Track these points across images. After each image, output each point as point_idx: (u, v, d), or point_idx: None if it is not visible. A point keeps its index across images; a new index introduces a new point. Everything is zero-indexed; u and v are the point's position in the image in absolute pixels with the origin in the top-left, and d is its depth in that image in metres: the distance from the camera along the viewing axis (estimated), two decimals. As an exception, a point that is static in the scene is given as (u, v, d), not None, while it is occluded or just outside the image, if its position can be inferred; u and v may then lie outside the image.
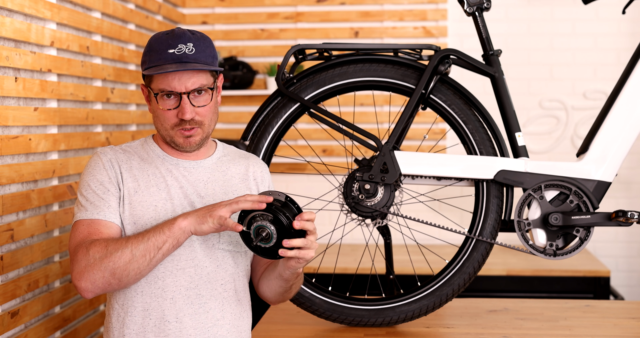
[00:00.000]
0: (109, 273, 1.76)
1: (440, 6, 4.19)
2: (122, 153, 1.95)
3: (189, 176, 1.95)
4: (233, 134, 4.24)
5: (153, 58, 1.86)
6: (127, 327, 1.88)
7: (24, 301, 2.42)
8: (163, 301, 1.88)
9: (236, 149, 2.11)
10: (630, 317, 2.63)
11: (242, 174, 2.03)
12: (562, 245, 2.39)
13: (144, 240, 1.77)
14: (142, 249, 1.76)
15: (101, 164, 1.90)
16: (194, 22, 4.28)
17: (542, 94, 4.19)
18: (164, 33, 1.90)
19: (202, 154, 2.00)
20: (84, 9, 2.92)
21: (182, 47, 1.86)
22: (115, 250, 1.76)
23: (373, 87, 2.48)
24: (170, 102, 1.87)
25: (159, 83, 1.86)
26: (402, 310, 2.44)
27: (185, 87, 1.85)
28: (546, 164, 2.39)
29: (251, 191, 2.03)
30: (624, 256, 4.19)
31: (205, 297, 1.91)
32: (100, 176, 1.89)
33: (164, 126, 1.90)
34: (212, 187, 1.96)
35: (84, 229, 1.84)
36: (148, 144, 1.99)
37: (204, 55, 1.88)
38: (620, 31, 4.13)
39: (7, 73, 2.34)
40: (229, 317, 1.94)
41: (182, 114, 1.86)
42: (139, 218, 1.88)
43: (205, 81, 1.88)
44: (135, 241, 1.77)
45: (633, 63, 2.40)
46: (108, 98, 3.08)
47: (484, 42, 2.45)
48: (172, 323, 1.87)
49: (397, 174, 2.38)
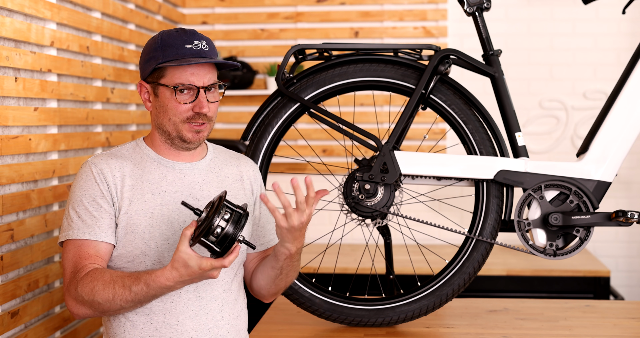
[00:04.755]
0: (98, 312, 1.82)
1: (440, 6, 4.19)
2: (114, 160, 1.91)
3: (184, 178, 1.94)
4: (233, 134, 4.25)
5: (169, 53, 1.87)
6: (129, 332, 1.88)
7: (24, 301, 2.42)
8: (164, 305, 1.88)
9: (225, 149, 2.10)
10: (630, 317, 2.63)
11: (235, 175, 2.03)
12: (562, 245, 2.39)
13: (131, 294, 1.76)
14: (130, 300, 1.77)
15: (92, 178, 1.88)
16: (194, 22, 4.28)
17: (542, 94, 4.19)
18: (174, 30, 1.91)
19: (197, 155, 1.99)
20: (84, 9, 2.92)
21: (198, 43, 1.89)
22: (102, 298, 1.77)
23: (373, 87, 2.48)
24: (185, 97, 1.88)
25: (176, 77, 1.87)
26: (402, 310, 2.44)
27: (203, 82, 1.88)
28: (546, 164, 2.39)
29: (246, 191, 2.03)
30: (624, 256, 4.19)
31: (205, 298, 1.91)
32: (92, 192, 1.87)
33: (173, 120, 1.89)
34: (207, 189, 1.96)
35: (75, 251, 1.85)
36: (140, 147, 1.97)
37: (215, 53, 1.93)
38: (620, 31, 4.13)
39: (7, 73, 2.34)
40: (228, 317, 1.94)
41: (200, 107, 1.87)
42: (136, 226, 1.87)
43: (216, 77, 1.92)
44: (121, 291, 1.76)
45: (633, 63, 2.40)
46: (108, 98, 3.08)
47: (484, 42, 2.45)
48: (173, 326, 1.87)
49: (397, 174, 2.38)
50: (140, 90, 1.95)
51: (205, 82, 1.88)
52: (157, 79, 1.90)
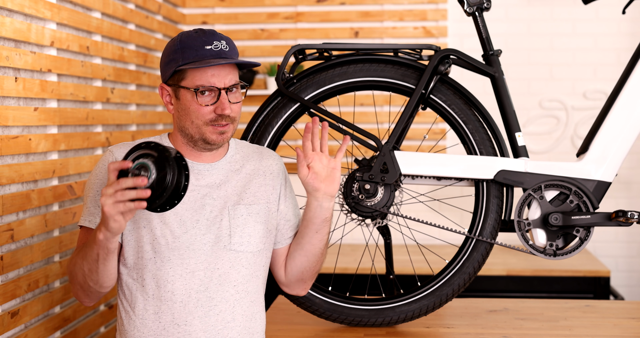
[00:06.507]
0: (79, 288, 1.87)
1: (440, 6, 4.19)
2: None
3: (202, 179, 1.94)
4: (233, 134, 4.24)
5: (189, 55, 1.86)
6: (138, 330, 1.89)
7: (24, 301, 2.42)
8: (173, 304, 1.87)
9: (247, 143, 2.10)
10: (630, 317, 2.63)
11: (256, 170, 2.03)
12: (562, 245, 2.39)
13: (85, 257, 1.80)
14: (87, 265, 1.80)
15: (106, 167, 1.89)
16: (194, 22, 4.28)
17: (542, 94, 4.19)
18: (193, 32, 1.90)
19: (219, 155, 1.99)
20: (84, 9, 2.92)
21: (218, 44, 1.88)
22: (72, 271, 1.86)
23: (373, 87, 2.48)
24: (206, 99, 1.87)
25: (197, 79, 1.86)
26: (402, 310, 2.44)
27: (224, 83, 1.87)
28: (546, 164, 2.39)
29: (267, 186, 2.03)
30: (624, 256, 4.19)
31: (215, 299, 1.90)
32: (104, 180, 1.90)
33: (196, 123, 1.89)
34: (224, 188, 1.95)
35: (83, 238, 1.93)
36: (163, 143, 1.97)
37: (235, 52, 1.92)
38: (620, 31, 4.13)
39: (7, 73, 2.34)
40: (240, 319, 1.93)
41: (222, 109, 1.87)
42: (148, 222, 1.88)
43: (237, 78, 1.92)
44: (80, 260, 1.82)
45: (633, 63, 2.40)
46: (108, 98, 3.08)
47: (484, 42, 2.45)
48: (181, 326, 1.87)
49: (397, 174, 2.38)
50: (161, 93, 1.95)
51: (227, 83, 1.88)
52: (177, 82, 1.89)
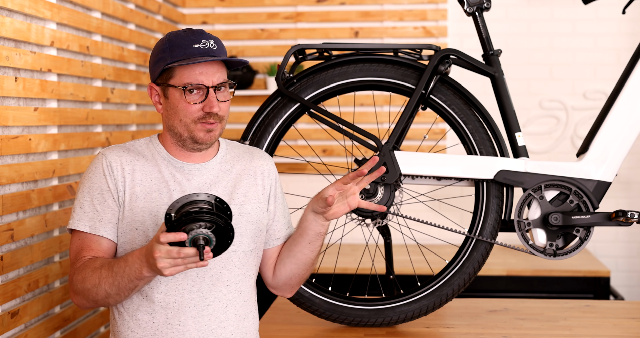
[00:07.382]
0: (91, 302, 1.84)
1: (440, 6, 4.19)
2: (126, 153, 1.93)
3: (193, 180, 1.94)
4: (233, 134, 4.24)
5: (177, 53, 1.87)
6: (132, 331, 1.89)
7: (24, 301, 2.42)
8: (166, 304, 1.88)
9: (238, 144, 2.10)
10: (630, 317, 2.63)
11: (246, 170, 2.02)
12: (562, 245, 2.39)
13: (118, 286, 1.78)
14: (112, 284, 1.78)
15: (101, 169, 1.90)
16: (194, 22, 4.28)
17: (542, 94, 4.19)
18: (182, 31, 1.91)
19: (209, 155, 1.99)
20: (84, 9, 2.92)
21: (206, 42, 1.89)
22: (90, 283, 1.80)
23: (373, 87, 2.48)
24: (194, 97, 1.88)
25: (185, 78, 1.87)
26: (402, 310, 2.44)
27: (212, 81, 1.88)
28: (546, 164, 2.39)
29: (257, 187, 2.02)
30: (624, 256, 4.19)
31: (209, 299, 1.90)
32: (100, 184, 1.89)
33: (184, 121, 1.89)
34: (215, 189, 1.95)
35: (79, 243, 1.90)
36: (153, 144, 1.97)
37: (223, 51, 1.93)
38: (620, 31, 4.13)
39: (7, 73, 2.34)
40: (233, 318, 1.93)
41: (210, 107, 1.87)
42: (140, 224, 1.88)
43: (225, 76, 1.92)
44: (105, 273, 1.78)
45: (633, 63, 2.40)
46: (108, 98, 3.08)
47: (484, 42, 2.46)
48: (175, 326, 1.87)
49: (397, 174, 2.38)
50: (150, 93, 1.95)
51: (215, 81, 1.88)
52: (166, 81, 1.90)
